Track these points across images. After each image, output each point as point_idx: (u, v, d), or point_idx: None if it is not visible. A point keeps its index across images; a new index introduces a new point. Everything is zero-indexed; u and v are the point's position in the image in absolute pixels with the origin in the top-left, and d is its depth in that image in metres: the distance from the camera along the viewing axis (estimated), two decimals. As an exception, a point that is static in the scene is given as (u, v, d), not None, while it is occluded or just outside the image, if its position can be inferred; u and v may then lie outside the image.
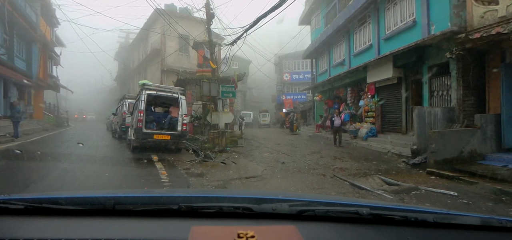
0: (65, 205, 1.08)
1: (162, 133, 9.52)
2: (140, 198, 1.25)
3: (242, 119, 19.87)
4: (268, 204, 1.11)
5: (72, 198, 1.18)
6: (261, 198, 1.25)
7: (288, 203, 1.13)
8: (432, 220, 1.09)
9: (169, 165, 7.74)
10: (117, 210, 1.07)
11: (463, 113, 8.55)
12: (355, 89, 16.01)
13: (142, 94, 9.39)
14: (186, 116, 9.70)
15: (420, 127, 8.18)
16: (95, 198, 1.21)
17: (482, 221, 1.11)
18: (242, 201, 1.19)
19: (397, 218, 1.10)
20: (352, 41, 16.16)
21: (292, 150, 11.96)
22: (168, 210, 1.07)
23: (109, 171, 6.89)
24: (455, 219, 1.13)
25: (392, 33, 12.07)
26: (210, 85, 11.71)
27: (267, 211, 1.08)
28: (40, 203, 1.07)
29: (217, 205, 1.11)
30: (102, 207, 1.08)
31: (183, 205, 1.07)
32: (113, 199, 1.10)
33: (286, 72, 36.76)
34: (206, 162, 8.90)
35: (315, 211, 1.11)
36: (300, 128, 24.25)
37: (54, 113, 28.07)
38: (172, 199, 1.21)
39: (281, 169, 7.65)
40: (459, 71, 8.55)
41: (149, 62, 24.46)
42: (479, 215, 1.18)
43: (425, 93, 10.11)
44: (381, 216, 1.09)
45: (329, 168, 7.94)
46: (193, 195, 1.43)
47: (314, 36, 22.28)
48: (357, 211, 1.08)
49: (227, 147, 11.25)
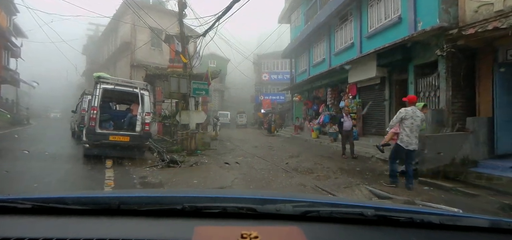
0: (71, 204, 1.08)
1: (120, 134, 8.20)
2: (145, 198, 1.30)
3: (217, 119, 18.67)
4: (272, 205, 1.10)
5: (78, 198, 1.21)
6: (265, 198, 1.24)
7: (292, 203, 1.12)
8: (438, 221, 1.06)
9: (123, 173, 6.53)
10: (122, 210, 1.07)
11: (452, 115, 7.94)
12: (335, 90, 15.32)
13: (97, 89, 8.05)
14: (149, 115, 8.45)
15: (408, 131, 7.44)
16: (100, 197, 1.30)
17: (490, 223, 1.08)
18: (246, 201, 1.19)
19: (402, 220, 1.07)
20: (332, 40, 15.48)
21: (269, 153, 11.00)
22: (172, 210, 1.07)
23: (39, 182, 5.47)
24: (462, 221, 1.10)
25: (375, 31, 11.42)
26: (179, 81, 10.50)
27: (270, 211, 1.07)
28: (47, 202, 1.08)
29: (221, 206, 1.11)
30: (107, 207, 1.09)
31: (187, 205, 1.07)
32: (117, 199, 1.12)
33: (265, 72, 35.93)
34: (171, 168, 7.76)
35: (319, 212, 1.10)
36: (278, 130, 23.44)
37: (13, 110, 25.51)
38: (176, 199, 1.23)
39: (255, 178, 6.63)
40: (448, 71, 7.92)
41: (119, 56, 22.71)
42: (486, 217, 1.15)
43: (411, 93, 9.46)
44: (386, 217, 1.07)
45: (309, 175, 7.03)
46: (197, 195, 1.41)
47: (294, 35, 21.53)
48: (362, 212, 1.06)
49: (198, 150, 10.10)
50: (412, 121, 5.51)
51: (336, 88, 15.20)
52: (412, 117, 5.52)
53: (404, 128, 5.54)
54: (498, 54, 7.33)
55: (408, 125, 5.50)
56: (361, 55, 11.25)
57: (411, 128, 5.50)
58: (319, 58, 17.29)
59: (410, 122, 5.50)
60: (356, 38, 12.88)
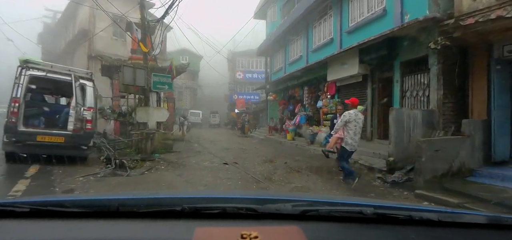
0: (70, 207, 1.07)
1: (51, 133, 6.57)
2: (144, 200, 1.25)
3: (185, 118, 17.11)
4: (271, 205, 1.10)
5: (77, 201, 1.21)
6: (264, 198, 1.25)
7: (291, 203, 1.12)
8: (437, 219, 1.06)
9: (43, 184, 4.99)
10: (121, 212, 1.05)
11: (443, 117, 7.13)
12: (312, 88, 14.35)
13: (21, 76, 6.38)
14: (90, 110, 6.87)
15: (398, 134, 6.51)
16: (99, 200, 1.26)
17: (489, 219, 1.10)
18: (245, 201, 1.17)
19: (401, 218, 1.07)
20: (310, 36, 14.52)
21: (241, 157, 9.74)
22: (171, 211, 1.05)
23: None
24: (461, 217, 1.11)
25: (357, 25, 10.52)
26: (135, 71, 8.95)
27: (270, 211, 1.07)
28: (45, 206, 1.07)
29: (220, 206, 1.09)
30: (106, 209, 1.07)
31: (186, 206, 1.05)
32: (117, 201, 1.11)
33: (239, 70, 34.60)
34: (117, 176, 6.29)
35: (319, 211, 1.10)
36: (252, 130, 22.28)
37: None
38: (176, 200, 1.22)
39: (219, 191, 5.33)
40: (440, 67, 7.10)
41: (77, 46, 20.37)
42: (485, 213, 1.23)
43: (396, 93, 8.62)
44: (385, 215, 1.07)
45: (286, 186, 5.86)
46: (197, 196, 1.40)
47: (270, 31, 20.43)
48: (361, 210, 1.06)
49: (155, 154, 8.61)
50: (355, 124, 5.63)
51: (314, 87, 14.23)
52: (355, 120, 5.64)
53: (348, 131, 5.63)
54: (493, 51, 6.57)
55: (352, 128, 5.61)
56: (342, 50, 10.29)
57: (355, 131, 5.63)
58: (296, 55, 16.30)
59: (354, 124, 5.62)
60: (336, 33, 11.96)
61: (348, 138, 5.61)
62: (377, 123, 9.63)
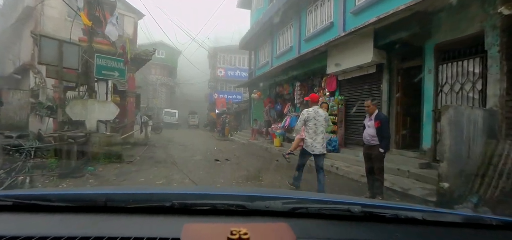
0: (56, 201, 1.04)
1: None
2: (132, 195, 1.22)
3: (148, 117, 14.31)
4: (261, 202, 1.09)
5: (63, 195, 1.17)
6: (254, 195, 1.23)
7: (281, 200, 1.11)
8: (421, 217, 1.06)
9: None
10: (109, 207, 1.02)
11: (506, 121, 4.92)
12: (305, 84, 11.99)
13: None
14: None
15: (456, 146, 4.21)
16: (85, 194, 1.22)
17: (470, 219, 1.12)
18: (235, 198, 1.16)
19: (388, 216, 1.07)
20: (303, 23, 12.21)
21: (216, 170, 7.23)
22: (161, 207, 1.03)
23: None
24: (443, 217, 1.12)
25: (366, 3, 8.27)
26: (61, 46, 6.23)
27: (260, 208, 1.06)
28: (29, 199, 1.04)
29: (210, 203, 1.08)
30: (93, 204, 1.05)
31: (176, 202, 1.03)
32: (104, 196, 1.08)
33: (220, 67, 31.94)
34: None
35: (308, 208, 1.09)
36: (233, 133, 19.78)
37: None
38: (165, 196, 1.17)
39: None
40: (504, 49, 4.89)
41: (23, 28, 17.11)
42: (466, 213, 1.19)
43: (428, 88, 6.37)
44: (372, 213, 1.07)
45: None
46: (186, 192, 1.33)
47: (255, 20, 17.98)
48: (349, 208, 1.06)
49: (89, 167, 5.89)
50: (315, 122, 5.05)
51: (307, 83, 11.88)
52: (315, 117, 5.06)
53: (307, 131, 5.10)
54: None
55: (311, 127, 5.06)
56: (348, 32, 7.97)
57: (315, 130, 5.05)
58: (286, 46, 13.95)
59: (313, 123, 5.05)
60: (337, 15, 9.69)
61: (307, 138, 5.06)
62: (395, 127, 7.37)
